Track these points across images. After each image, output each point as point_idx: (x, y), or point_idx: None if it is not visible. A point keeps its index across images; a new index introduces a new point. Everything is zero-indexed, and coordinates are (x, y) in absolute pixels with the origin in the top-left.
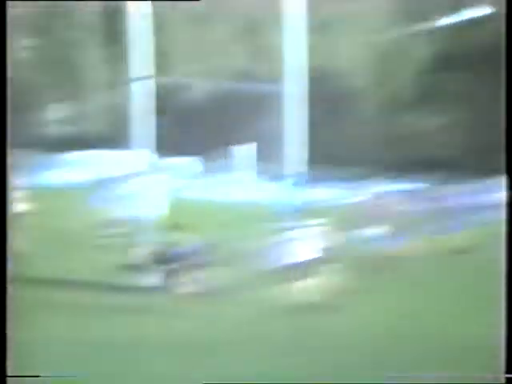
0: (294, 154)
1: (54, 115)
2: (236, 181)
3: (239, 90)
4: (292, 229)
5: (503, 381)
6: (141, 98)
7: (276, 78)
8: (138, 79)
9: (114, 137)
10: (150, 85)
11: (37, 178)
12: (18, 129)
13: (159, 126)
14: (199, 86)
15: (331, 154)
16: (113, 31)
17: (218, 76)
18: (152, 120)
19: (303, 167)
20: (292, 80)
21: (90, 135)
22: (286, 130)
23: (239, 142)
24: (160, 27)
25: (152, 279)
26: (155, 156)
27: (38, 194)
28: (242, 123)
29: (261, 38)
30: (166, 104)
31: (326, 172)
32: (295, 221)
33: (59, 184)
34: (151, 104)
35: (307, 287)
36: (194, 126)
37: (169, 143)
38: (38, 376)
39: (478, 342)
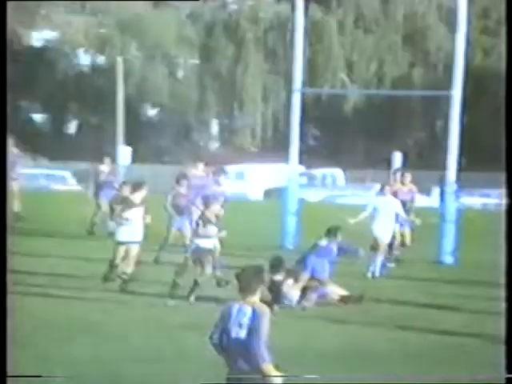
0: (452, 160)
1: (217, 129)
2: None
3: (396, 98)
4: None
5: (503, 381)
6: (297, 109)
7: (438, 83)
8: (298, 91)
9: (273, 149)
10: (306, 96)
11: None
12: (183, 144)
13: (313, 138)
14: (355, 94)
15: (491, 159)
16: (269, 46)
17: (377, 84)
18: (306, 131)
19: (460, 173)
20: (457, 84)
21: (248, 148)
22: (445, 136)
23: (393, 150)
24: (318, 37)
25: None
26: (303, 167)
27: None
28: (398, 131)
29: (423, 43)
30: (322, 114)
31: (484, 178)
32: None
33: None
34: (306, 115)
35: None
36: (350, 136)
37: (319, 154)
38: (38, 376)
39: None
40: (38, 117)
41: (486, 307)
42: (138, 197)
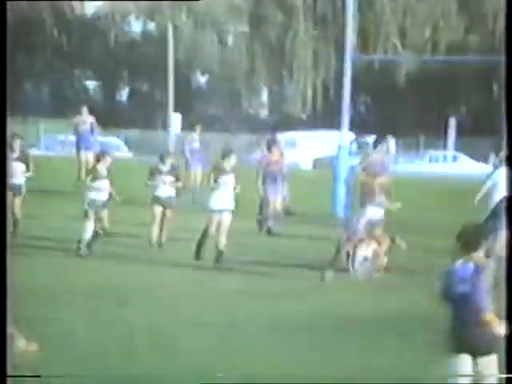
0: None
1: (266, 97)
2: (441, 157)
3: (451, 64)
4: None
5: (503, 381)
6: (348, 76)
7: (494, 48)
8: (350, 58)
9: (323, 116)
10: (358, 63)
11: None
12: (232, 112)
13: (365, 105)
14: (408, 61)
15: None
16: (319, 12)
17: (430, 50)
18: (358, 99)
19: None
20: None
21: (297, 116)
22: (501, 103)
23: (447, 116)
24: (369, 3)
25: None
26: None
27: None
28: (452, 97)
29: (479, 7)
30: (374, 81)
31: None
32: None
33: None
34: (358, 82)
35: None
36: (402, 103)
37: (370, 122)
38: (38, 376)
39: None
40: (91, 84)
41: None
42: (228, 164)
